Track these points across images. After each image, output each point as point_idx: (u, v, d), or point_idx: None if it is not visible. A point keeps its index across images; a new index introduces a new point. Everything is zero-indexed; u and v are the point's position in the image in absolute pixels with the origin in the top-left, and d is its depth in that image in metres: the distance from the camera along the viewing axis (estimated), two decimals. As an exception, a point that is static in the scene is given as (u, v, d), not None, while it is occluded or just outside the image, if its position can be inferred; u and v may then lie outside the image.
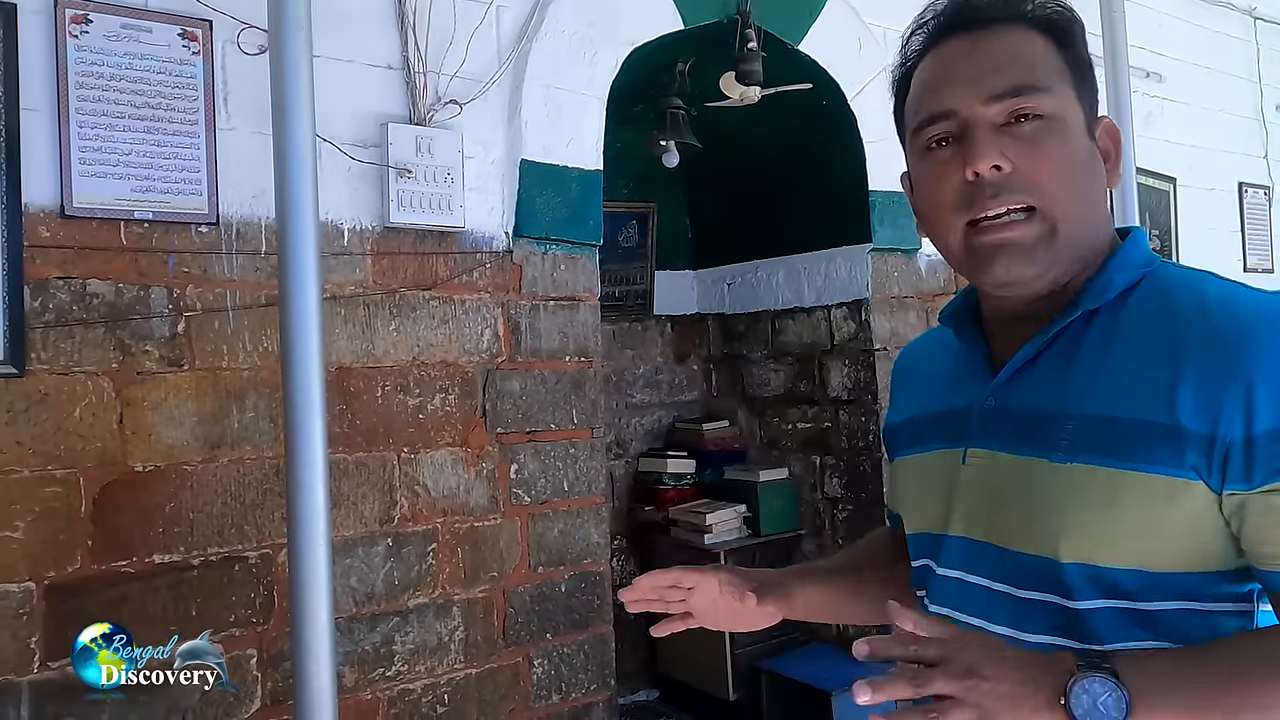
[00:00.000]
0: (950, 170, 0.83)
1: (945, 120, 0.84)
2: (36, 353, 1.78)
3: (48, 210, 1.80)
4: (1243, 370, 0.73)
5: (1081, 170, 0.83)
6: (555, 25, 2.43)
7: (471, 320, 2.31)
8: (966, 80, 0.83)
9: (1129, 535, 0.76)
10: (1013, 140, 0.81)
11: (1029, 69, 0.82)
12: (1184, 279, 0.83)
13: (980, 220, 0.82)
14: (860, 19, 3.06)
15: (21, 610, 1.75)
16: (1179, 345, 0.76)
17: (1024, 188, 0.80)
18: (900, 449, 1.03)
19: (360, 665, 2.12)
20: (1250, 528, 0.74)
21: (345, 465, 2.11)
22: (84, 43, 1.83)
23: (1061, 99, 0.83)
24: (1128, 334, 0.81)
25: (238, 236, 2.00)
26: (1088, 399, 0.80)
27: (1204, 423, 0.73)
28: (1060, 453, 0.79)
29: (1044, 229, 0.81)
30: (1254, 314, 0.75)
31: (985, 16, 0.85)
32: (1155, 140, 4.01)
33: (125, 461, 1.87)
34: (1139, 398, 0.77)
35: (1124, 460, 0.76)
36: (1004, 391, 0.87)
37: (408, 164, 2.17)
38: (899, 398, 1.07)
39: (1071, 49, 0.86)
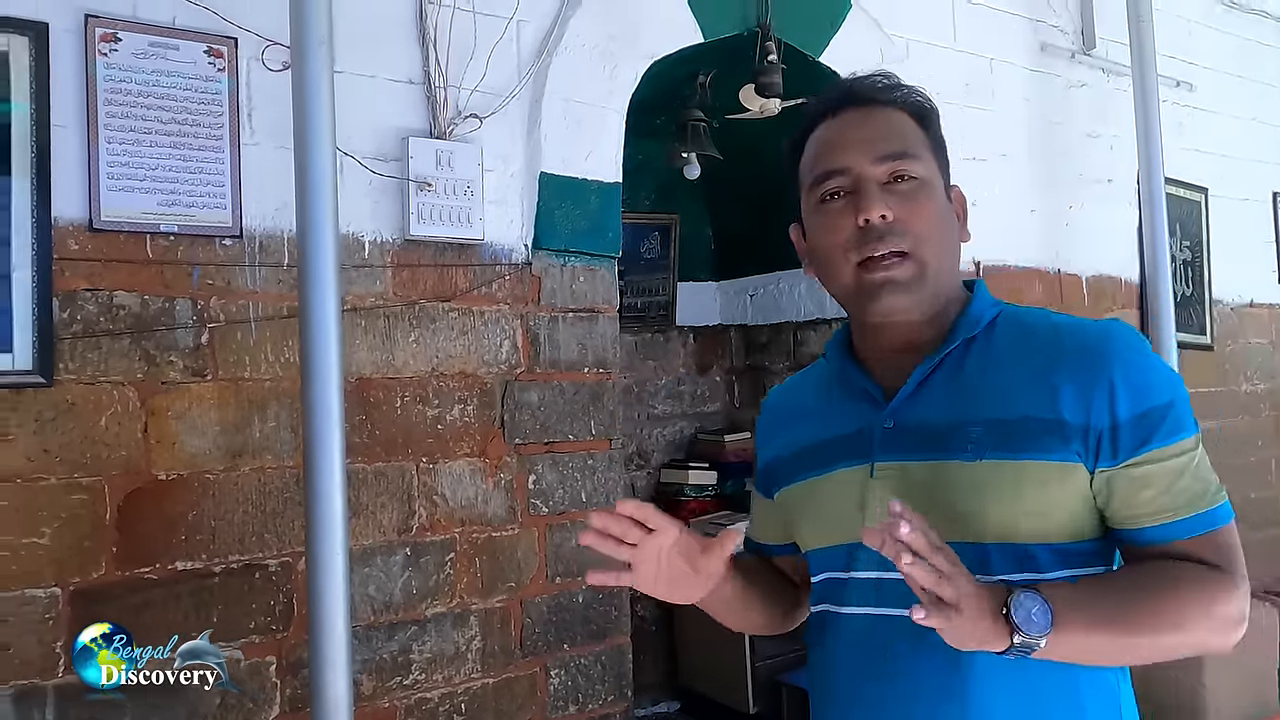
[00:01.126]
0: (844, 218, 1.00)
1: (841, 176, 1.01)
2: (64, 363, 1.82)
3: (76, 224, 1.84)
4: (1106, 372, 0.94)
5: (944, 225, 1.03)
6: (575, 39, 2.45)
7: (490, 332, 2.33)
8: (859, 144, 1.01)
9: (1034, 514, 0.94)
10: (893, 196, 0.99)
11: (906, 140, 1.02)
12: (1030, 312, 1.06)
13: (868, 260, 0.99)
14: (882, 30, 3.06)
15: (47, 615, 1.79)
16: (1053, 356, 0.96)
17: (902, 234, 0.98)
18: (784, 481, 1.14)
19: (378, 674, 2.14)
20: (1118, 496, 0.94)
21: (364, 475, 2.13)
22: (113, 60, 1.88)
23: (929, 166, 1.03)
24: (1003, 355, 1.00)
25: (260, 249, 2.03)
26: (984, 408, 0.96)
27: (1080, 415, 0.93)
28: (969, 453, 0.95)
29: (917, 269, 0.99)
30: (1103, 330, 0.98)
31: (871, 97, 1.05)
32: (1186, 150, 3.95)
33: (149, 470, 1.90)
34: (1028, 401, 0.95)
35: (1024, 452, 0.94)
36: (902, 412, 1.01)
37: (428, 177, 2.20)
38: (774, 438, 1.19)
39: (931, 130, 1.07)
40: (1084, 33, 3.68)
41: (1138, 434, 0.92)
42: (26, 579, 1.78)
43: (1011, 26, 3.47)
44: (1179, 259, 3.92)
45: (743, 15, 2.76)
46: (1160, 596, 0.90)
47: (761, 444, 1.22)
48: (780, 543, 1.21)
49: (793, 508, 1.13)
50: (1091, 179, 3.69)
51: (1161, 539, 0.94)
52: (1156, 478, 0.93)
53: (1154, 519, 0.94)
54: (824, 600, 1.07)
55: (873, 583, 1.00)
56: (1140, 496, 0.93)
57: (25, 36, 1.79)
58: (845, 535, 1.02)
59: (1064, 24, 3.64)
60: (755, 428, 1.26)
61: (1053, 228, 3.55)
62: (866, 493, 1.01)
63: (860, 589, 1.01)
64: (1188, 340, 3.82)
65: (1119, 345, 0.96)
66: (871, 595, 1.00)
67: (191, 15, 1.96)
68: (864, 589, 1.01)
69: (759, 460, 1.22)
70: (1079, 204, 3.64)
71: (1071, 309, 3.60)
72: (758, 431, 1.24)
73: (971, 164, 3.29)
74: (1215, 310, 4.14)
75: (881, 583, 0.99)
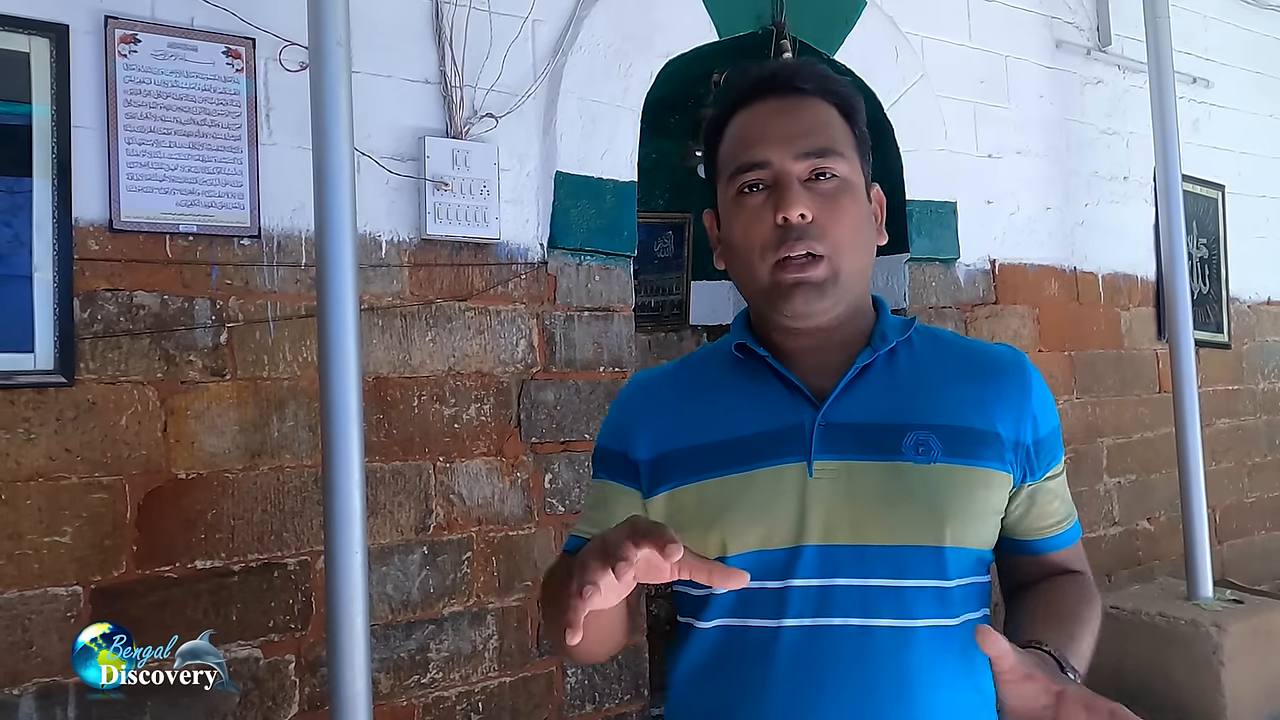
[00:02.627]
0: (763, 214, 0.96)
1: (761, 169, 0.97)
2: (85, 362, 1.83)
3: (97, 224, 1.85)
4: (1028, 393, 1.00)
5: (863, 227, 0.99)
6: (590, 39, 2.45)
7: (506, 331, 2.33)
8: (780, 138, 0.97)
9: (978, 519, 0.96)
10: (814, 196, 0.95)
11: (831, 136, 0.98)
12: (938, 329, 1.09)
13: (784, 260, 0.95)
14: (897, 28, 3.05)
15: (69, 613, 1.80)
16: (981, 372, 1.00)
17: (820, 237, 0.95)
18: (678, 478, 1.00)
19: (396, 672, 2.14)
20: (1037, 508, 1.01)
21: (382, 474, 2.14)
22: (133, 61, 1.89)
23: (852, 165, 0.99)
24: (931, 364, 1.01)
25: (278, 249, 2.04)
26: (926, 412, 0.97)
27: (1011, 430, 0.98)
28: (921, 456, 0.94)
29: (831, 272, 0.95)
30: (1015, 354, 1.04)
31: (794, 86, 0.99)
32: (1203, 147, 3.93)
33: (169, 469, 1.91)
34: (968, 411, 0.97)
35: (972, 459, 0.95)
36: (834, 410, 0.97)
37: (444, 177, 2.20)
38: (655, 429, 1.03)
39: (856, 125, 1.02)
40: (1100, 29, 3.66)
41: (1048, 451, 1.01)
42: (48, 578, 1.79)
43: (1027, 23, 3.45)
44: (1196, 256, 3.90)
45: (758, 13, 2.76)
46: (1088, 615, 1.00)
47: (629, 430, 1.05)
48: None
49: (694, 508, 0.98)
50: (1107, 176, 3.67)
51: (1056, 547, 1.04)
52: (1059, 491, 1.03)
53: (1057, 528, 1.03)
54: (735, 614, 0.96)
55: (819, 590, 0.93)
56: (1050, 508, 1.02)
57: (46, 38, 1.80)
58: (782, 540, 0.94)
59: (1080, 21, 3.62)
60: (616, 411, 1.10)
61: (1068, 225, 3.54)
62: (807, 494, 0.94)
63: (803, 597, 0.93)
64: (1204, 338, 3.80)
65: (1030, 369, 1.02)
66: (817, 603, 0.93)
67: (210, 16, 1.97)
68: (808, 597, 0.93)
69: (619, 447, 1.06)
70: (1095, 201, 3.62)
71: (1087, 307, 3.58)
72: (621, 415, 1.09)
73: (987, 161, 3.28)
74: (1232, 308, 4.11)
75: (831, 590, 0.93)
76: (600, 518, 1.05)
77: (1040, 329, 3.43)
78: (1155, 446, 3.74)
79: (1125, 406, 3.70)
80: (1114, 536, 3.63)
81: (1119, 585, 3.55)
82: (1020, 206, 3.38)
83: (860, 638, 0.92)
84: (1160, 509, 3.76)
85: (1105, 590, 3.48)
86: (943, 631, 0.93)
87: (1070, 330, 3.52)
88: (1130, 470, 3.70)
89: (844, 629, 0.92)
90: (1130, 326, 3.73)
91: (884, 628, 0.92)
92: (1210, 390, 3.83)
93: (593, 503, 1.10)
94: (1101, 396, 3.61)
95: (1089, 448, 3.56)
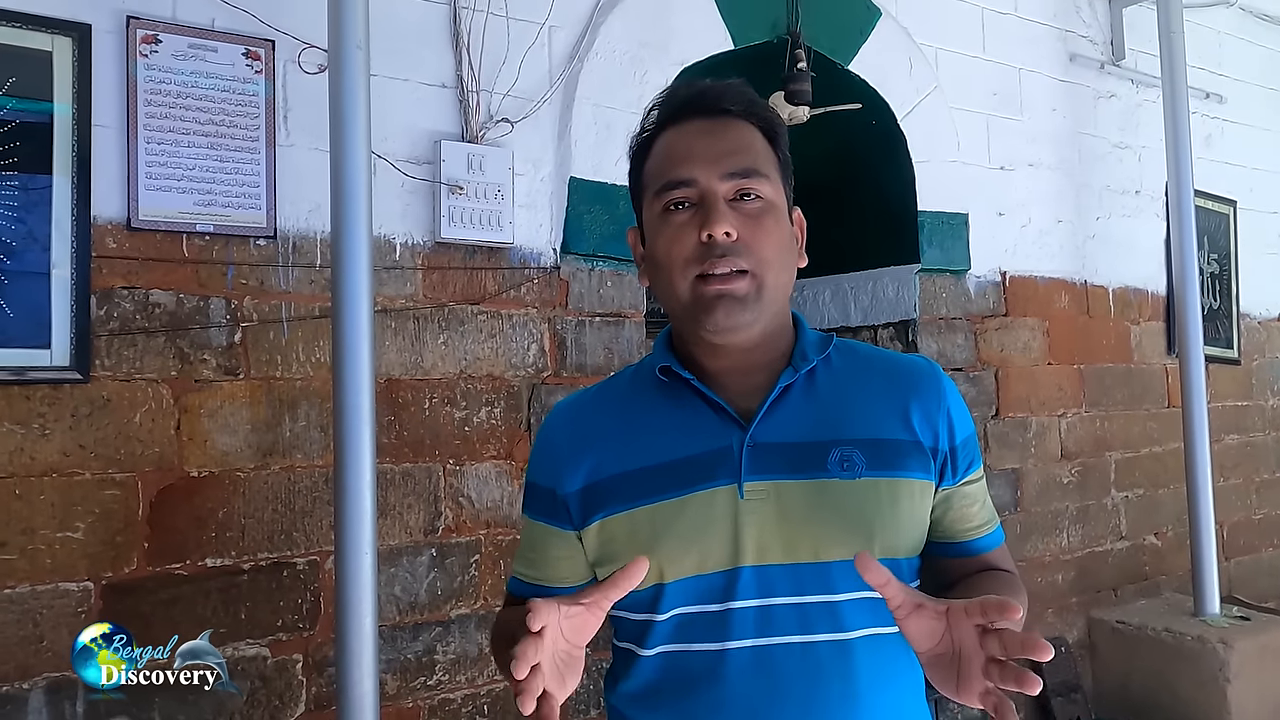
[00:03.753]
0: (688, 231, 0.97)
1: (687, 187, 0.98)
2: (101, 360, 1.85)
3: (115, 222, 1.87)
4: (943, 401, 1.03)
5: (785, 248, 1.00)
6: (606, 45, 2.46)
7: (518, 335, 2.34)
8: (706, 158, 0.98)
9: (906, 528, 0.99)
10: (739, 215, 0.97)
11: (756, 157, 0.99)
12: (854, 343, 1.10)
13: (708, 275, 0.95)
14: (911, 39, 3.05)
15: (80, 609, 1.81)
16: (897, 383, 1.03)
17: (744, 254, 0.96)
18: (609, 507, 0.99)
19: (402, 673, 2.15)
20: (954, 511, 1.03)
21: (392, 475, 2.15)
22: (153, 62, 1.90)
23: (775, 186, 1.00)
24: (850, 378, 1.03)
25: (294, 250, 2.05)
26: (849, 428, 0.99)
27: (929, 438, 1.00)
28: (846, 471, 0.97)
29: (754, 286, 0.96)
30: (929, 363, 1.07)
31: (720, 107, 1.01)
32: (1215, 162, 3.93)
33: (181, 467, 1.92)
34: (887, 423, 1.00)
35: (895, 470, 0.98)
36: (760, 431, 0.98)
37: (459, 180, 2.21)
38: (582, 460, 1.02)
39: (780, 148, 1.03)
40: (1114, 43, 3.66)
41: (965, 457, 1.03)
42: (60, 573, 1.80)
43: (1041, 37, 3.45)
44: (1207, 272, 3.89)
45: (773, 23, 2.77)
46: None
47: (555, 464, 1.04)
48: (577, 583, 1.05)
49: (625, 537, 0.98)
50: (1119, 190, 3.67)
51: (982, 549, 1.06)
52: (978, 496, 1.06)
53: (978, 531, 1.06)
54: (678, 639, 0.97)
55: (758, 611, 0.95)
56: (969, 511, 1.05)
57: (69, 37, 1.82)
58: (719, 563, 0.95)
59: (1094, 35, 3.62)
60: (540, 444, 1.09)
61: (1080, 238, 3.54)
62: (740, 516, 0.95)
63: (743, 620, 0.95)
64: (1215, 354, 3.79)
65: (944, 378, 1.06)
66: (758, 625, 0.95)
67: (230, 18, 1.98)
68: (747, 619, 0.95)
69: (547, 483, 1.05)
70: (1106, 215, 3.62)
71: (1097, 320, 3.58)
72: (545, 449, 1.07)
73: (998, 174, 3.29)
74: (1243, 324, 4.10)
75: (769, 610, 0.95)
76: (535, 559, 1.08)
77: (1050, 342, 3.43)
78: (1163, 461, 3.73)
79: (1134, 421, 3.69)
80: (1121, 551, 3.63)
81: (1125, 600, 3.54)
82: (1032, 219, 3.38)
83: (802, 654, 0.95)
84: (1168, 524, 3.75)
85: (1112, 605, 3.48)
86: (880, 639, 0.96)
87: (1080, 343, 3.52)
88: (1138, 485, 3.69)
89: (786, 647, 0.95)
90: (1140, 341, 3.73)
91: (824, 642, 0.95)
92: (1219, 406, 3.83)
93: (527, 541, 1.10)
94: (1110, 410, 3.61)
95: (1097, 461, 3.56)
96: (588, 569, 1.05)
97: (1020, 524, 3.30)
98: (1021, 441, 3.33)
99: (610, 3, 2.48)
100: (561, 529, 1.04)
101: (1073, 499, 3.47)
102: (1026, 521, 3.33)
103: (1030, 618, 3.47)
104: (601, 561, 1.02)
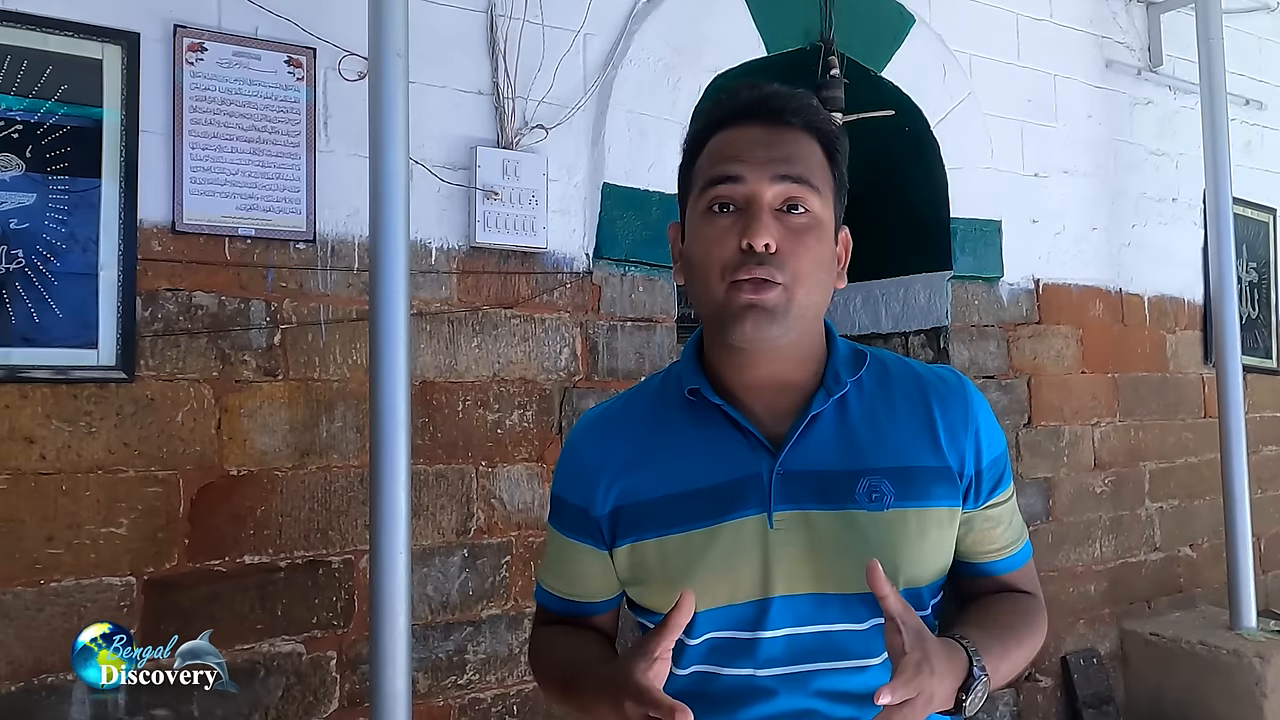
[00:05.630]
0: (729, 236, 0.95)
1: (734, 183, 0.95)
2: (145, 360, 1.89)
3: (160, 226, 1.91)
4: (973, 421, 1.01)
5: (825, 268, 0.98)
6: (640, 52, 2.48)
7: (551, 339, 2.36)
8: (760, 159, 0.96)
9: (931, 557, 0.99)
10: (782, 227, 0.94)
11: (809, 168, 0.97)
12: (889, 356, 1.07)
13: (742, 281, 0.94)
14: (945, 45, 3.05)
15: (122, 603, 1.85)
16: (926, 403, 1.01)
17: (782, 267, 0.94)
18: (644, 531, 1.00)
19: (433, 672, 2.17)
20: (975, 534, 1.03)
21: (426, 476, 2.18)
22: (199, 69, 1.95)
23: (825, 202, 0.98)
24: (881, 401, 1.01)
25: (332, 253, 2.09)
26: (878, 456, 0.97)
27: (956, 461, 0.99)
28: (874, 503, 0.96)
29: (785, 300, 0.94)
30: (959, 379, 1.04)
31: (782, 115, 0.98)
32: (1255, 170, 3.88)
33: (221, 465, 1.96)
34: (916, 449, 0.98)
35: (923, 500, 0.97)
36: (791, 458, 0.97)
37: (494, 186, 2.24)
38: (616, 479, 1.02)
39: (837, 165, 1.01)
40: (1151, 49, 3.63)
41: (991, 478, 1.02)
42: (104, 567, 1.84)
43: (1076, 43, 3.43)
44: (1245, 280, 3.84)
45: (806, 29, 2.78)
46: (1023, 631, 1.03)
47: (585, 481, 1.04)
48: (609, 597, 1.09)
49: (658, 565, 0.99)
50: (1156, 198, 3.63)
51: (1003, 570, 1.06)
52: (1003, 517, 1.04)
53: (1000, 553, 1.05)
54: (709, 662, 0.99)
55: (787, 640, 0.96)
56: (993, 534, 1.04)
57: (118, 45, 1.86)
58: (750, 593, 0.96)
59: (1130, 41, 3.59)
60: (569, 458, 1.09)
61: (1115, 246, 3.50)
62: (769, 546, 0.95)
63: (772, 649, 0.96)
64: (1252, 364, 3.73)
65: (975, 395, 1.03)
66: (787, 653, 0.96)
67: (273, 26, 2.03)
68: (776, 648, 0.96)
69: (578, 500, 1.04)
70: (1142, 223, 3.59)
71: (1132, 329, 3.54)
72: (575, 465, 1.07)
73: (1033, 181, 3.27)
74: (1282, 333, 4.04)
75: (799, 639, 0.96)
76: (567, 574, 1.10)
77: (1084, 350, 3.40)
78: (1199, 472, 3.68)
79: (1169, 431, 3.65)
80: (1155, 562, 3.58)
81: (1159, 612, 3.49)
82: (1066, 226, 3.35)
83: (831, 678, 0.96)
84: (1203, 536, 3.70)
85: (1145, 617, 3.44)
86: None
87: (1114, 352, 3.49)
88: (1173, 495, 3.65)
89: (815, 674, 0.96)
90: (1176, 350, 3.68)
91: (849, 669, 0.97)
92: (1257, 417, 3.77)
93: (556, 554, 1.11)
94: (1145, 420, 3.57)
95: (1131, 472, 3.52)
96: (618, 584, 1.06)
97: (1052, 533, 3.28)
98: (1054, 450, 3.30)
99: (645, 10, 2.50)
100: (595, 547, 1.04)
101: (1106, 509, 3.44)
102: (1058, 531, 3.30)
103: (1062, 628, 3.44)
104: (632, 583, 1.04)
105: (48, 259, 1.80)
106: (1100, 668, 3.26)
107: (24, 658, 1.76)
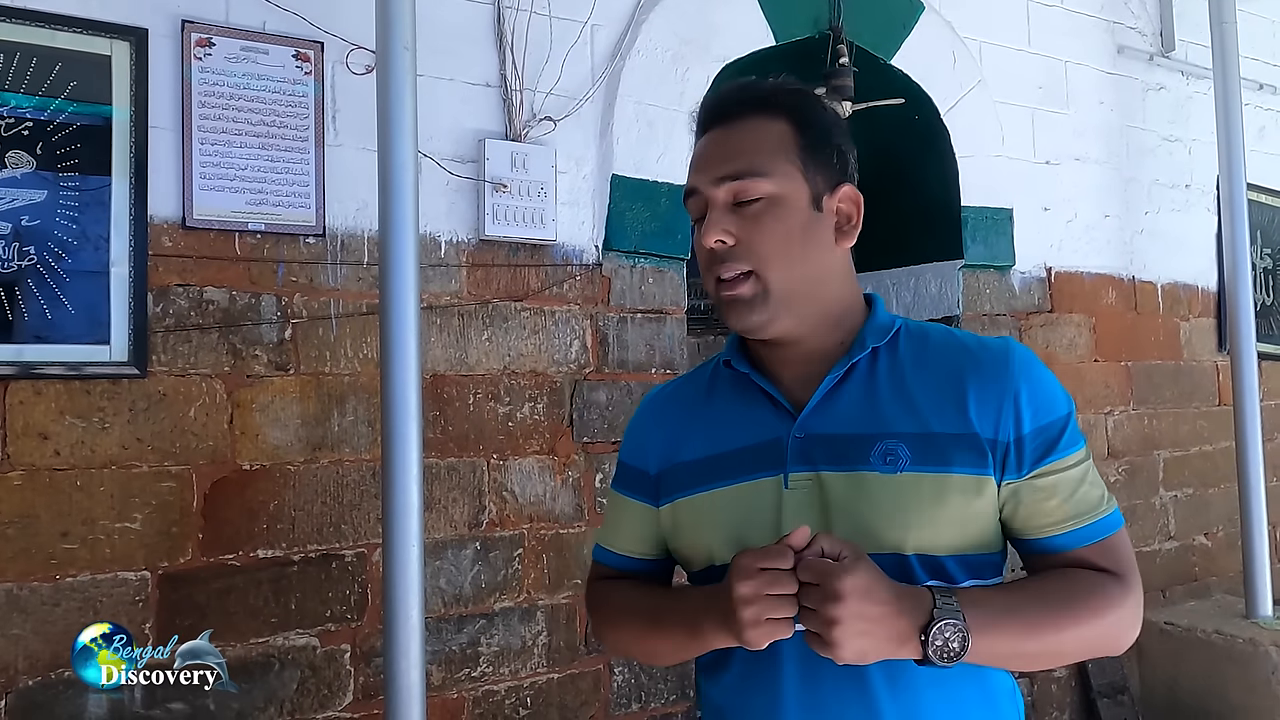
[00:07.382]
0: (701, 242, 1.02)
1: (693, 197, 1.03)
2: (157, 355, 1.90)
3: (170, 222, 1.92)
4: (1011, 387, 0.98)
5: (795, 240, 1.00)
6: (648, 43, 2.47)
7: (561, 331, 2.36)
8: (707, 166, 1.02)
9: (951, 525, 0.96)
10: (739, 218, 0.99)
11: (757, 153, 0.99)
12: (929, 326, 1.07)
13: (719, 280, 1.01)
14: (955, 33, 3.02)
15: (137, 597, 1.86)
16: (960, 371, 0.99)
17: (745, 257, 0.99)
18: (680, 490, 1.08)
19: (447, 665, 2.18)
20: (1025, 507, 0.98)
21: (437, 469, 2.18)
22: (207, 64, 1.95)
23: (782, 179, 0.99)
24: (911, 368, 1.01)
25: (342, 248, 2.09)
26: (900, 420, 0.98)
27: (989, 428, 0.97)
28: (888, 465, 0.96)
29: (759, 288, 0.99)
30: (1005, 346, 1.01)
31: (733, 112, 1.03)
32: (1269, 155, 3.84)
33: (234, 460, 1.97)
34: (942, 415, 0.97)
35: (943, 466, 0.96)
36: (811, 422, 1.00)
37: (503, 179, 2.23)
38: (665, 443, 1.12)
39: (805, 132, 1.01)
40: (1163, 34, 3.59)
41: (1040, 446, 0.97)
42: (119, 562, 1.85)
43: (1088, 28, 3.40)
44: (1259, 267, 3.81)
45: (815, 18, 2.76)
46: (1061, 606, 0.95)
47: (643, 446, 1.15)
48: (653, 555, 1.16)
49: (688, 520, 1.07)
50: (1169, 184, 3.60)
51: (1064, 546, 0.99)
52: (1059, 488, 0.98)
53: (1058, 528, 0.98)
54: None
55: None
56: (1045, 506, 0.98)
57: (126, 41, 1.87)
58: None
59: (1142, 26, 3.56)
60: (632, 427, 1.19)
61: (1127, 234, 3.48)
62: (781, 505, 0.99)
63: None
64: (1267, 350, 3.70)
65: (1021, 361, 1.00)
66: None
67: (281, 20, 2.02)
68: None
69: (637, 463, 1.15)
70: (1155, 210, 3.56)
71: (1146, 317, 3.52)
72: (636, 432, 1.18)
73: (1045, 168, 3.24)
74: (1297, 320, 4.01)
75: None
76: (626, 530, 1.18)
77: (1097, 338, 3.38)
78: (1214, 460, 3.66)
79: (1183, 419, 3.63)
80: (1170, 551, 3.56)
81: (1174, 601, 3.48)
82: (1078, 214, 3.33)
83: None
84: (1218, 524, 3.68)
85: (1160, 606, 3.42)
86: None
87: (1127, 340, 3.46)
88: (1187, 484, 3.62)
89: None
90: (1190, 338, 3.66)
91: None
92: (1272, 404, 3.74)
93: (614, 514, 1.20)
94: (1159, 408, 3.55)
95: (1145, 460, 3.50)
96: (661, 544, 1.14)
97: (1065, 523, 3.25)
98: (1067, 439, 3.28)
99: (652, 0, 2.49)
100: (645, 503, 1.13)
101: (1120, 498, 3.36)
102: (1072, 520, 3.28)
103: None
104: (669, 538, 1.12)
105: (59, 256, 1.81)
106: (1115, 657, 3.25)
107: (41, 652, 1.78)
